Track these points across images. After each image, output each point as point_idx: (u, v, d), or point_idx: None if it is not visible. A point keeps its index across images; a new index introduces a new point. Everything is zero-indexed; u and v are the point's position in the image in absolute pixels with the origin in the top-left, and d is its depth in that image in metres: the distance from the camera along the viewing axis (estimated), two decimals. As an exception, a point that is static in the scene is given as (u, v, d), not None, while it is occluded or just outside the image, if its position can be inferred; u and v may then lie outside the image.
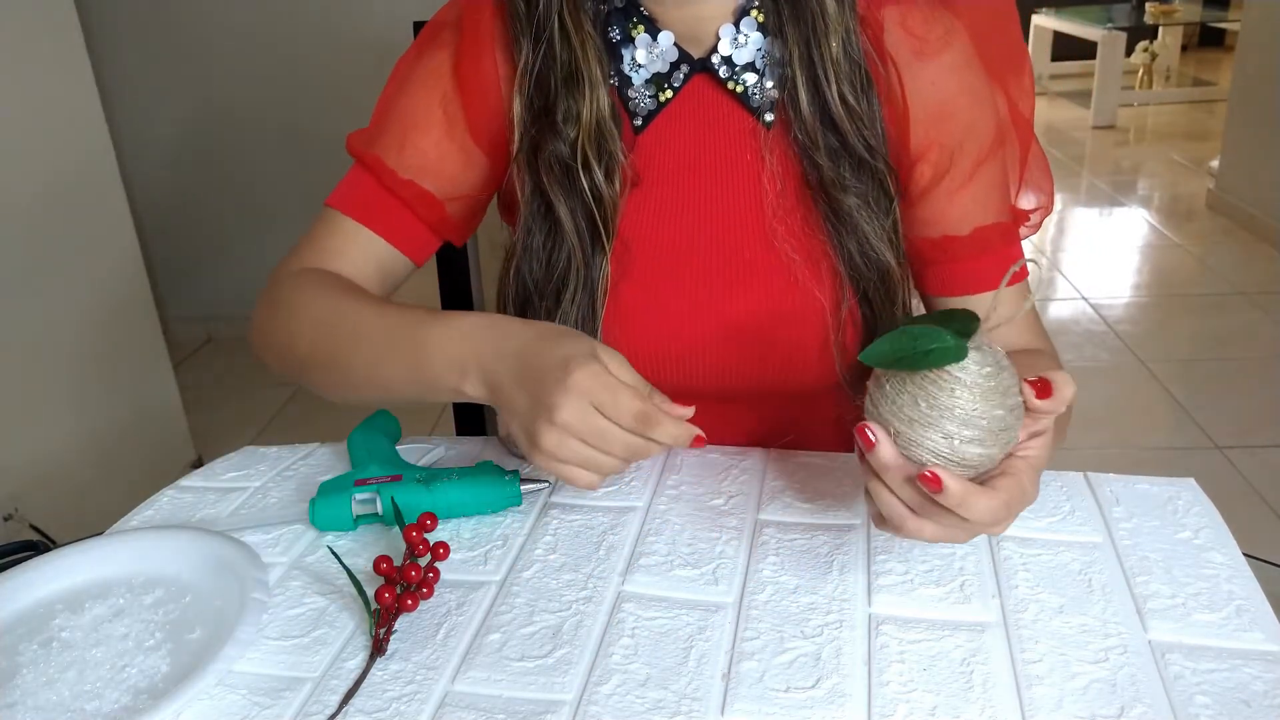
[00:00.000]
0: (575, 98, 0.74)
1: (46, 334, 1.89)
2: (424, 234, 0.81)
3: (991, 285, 0.79)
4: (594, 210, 0.75)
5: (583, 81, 0.74)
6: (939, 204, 0.77)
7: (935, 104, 0.75)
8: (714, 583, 0.64)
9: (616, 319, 0.78)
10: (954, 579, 0.64)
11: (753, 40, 0.75)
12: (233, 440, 0.98)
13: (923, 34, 0.75)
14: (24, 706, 0.56)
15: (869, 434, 0.55)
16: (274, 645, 0.61)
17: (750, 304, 0.78)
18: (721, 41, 0.75)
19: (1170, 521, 0.69)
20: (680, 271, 0.78)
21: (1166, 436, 2.36)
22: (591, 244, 0.76)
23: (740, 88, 0.76)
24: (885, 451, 0.55)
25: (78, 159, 1.98)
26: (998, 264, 0.78)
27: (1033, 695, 0.54)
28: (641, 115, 0.77)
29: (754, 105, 0.76)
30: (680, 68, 0.76)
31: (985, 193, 0.78)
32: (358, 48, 2.80)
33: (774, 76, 0.75)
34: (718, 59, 0.75)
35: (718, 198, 0.78)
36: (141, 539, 0.70)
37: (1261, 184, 3.53)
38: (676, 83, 0.76)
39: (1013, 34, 0.80)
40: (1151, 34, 5.86)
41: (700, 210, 0.78)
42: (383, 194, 0.79)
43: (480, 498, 0.73)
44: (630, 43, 0.76)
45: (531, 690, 0.56)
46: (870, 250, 0.76)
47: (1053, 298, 3.22)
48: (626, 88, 0.77)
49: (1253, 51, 3.60)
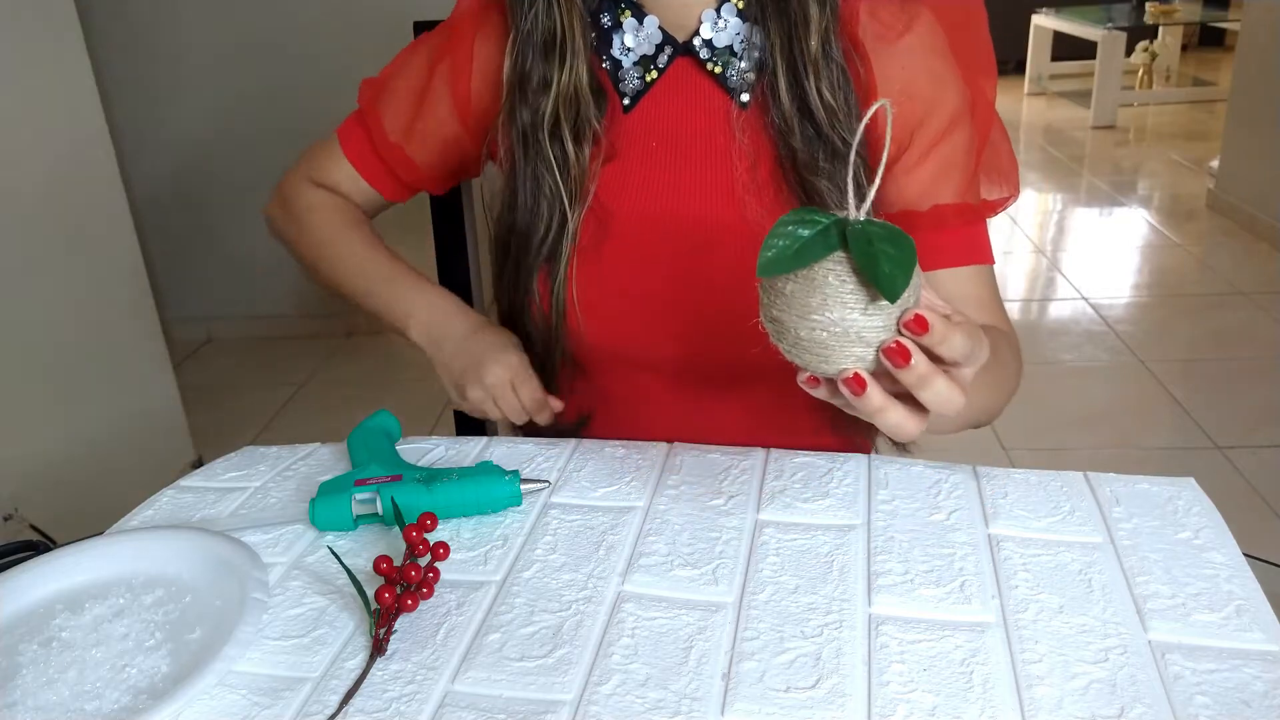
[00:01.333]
0: (550, 65, 0.79)
1: (47, 334, 1.89)
2: (403, 187, 0.95)
3: (949, 263, 0.81)
4: (558, 177, 0.81)
5: (565, 50, 0.79)
6: (898, 180, 0.80)
7: (899, 84, 0.78)
8: (714, 583, 0.64)
9: (597, 281, 0.82)
10: (954, 579, 0.64)
11: (731, 25, 0.79)
12: (233, 440, 0.98)
13: (888, 20, 0.79)
14: (24, 706, 0.56)
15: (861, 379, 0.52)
16: (274, 645, 0.61)
17: (722, 271, 0.80)
18: (703, 25, 0.79)
19: (1170, 521, 0.69)
20: (658, 240, 0.82)
21: (1166, 436, 2.36)
22: (556, 209, 0.82)
23: (719, 69, 0.80)
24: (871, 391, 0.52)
25: (78, 159, 1.98)
26: (957, 241, 0.81)
27: (1033, 695, 0.54)
28: (630, 95, 0.82)
29: (731, 86, 0.80)
30: (664, 50, 0.81)
31: (944, 171, 0.80)
32: (358, 48, 2.80)
33: (750, 60, 0.79)
34: (699, 42, 0.80)
35: (695, 173, 0.81)
36: (141, 539, 0.70)
37: (1261, 184, 3.53)
38: (661, 64, 0.81)
39: (979, 31, 0.82)
40: (1151, 34, 5.86)
41: (679, 183, 0.82)
42: (371, 148, 0.92)
43: (480, 498, 0.73)
44: (620, 28, 0.81)
45: (531, 690, 0.56)
46: None
47: (1053, 298, 3.22)
48: (617, 69, 0.82)
49: (1253, 51, 3.60)
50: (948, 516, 0.70)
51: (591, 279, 0.82)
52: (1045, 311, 3.14)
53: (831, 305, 0.49)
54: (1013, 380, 0.80)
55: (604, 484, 0.77)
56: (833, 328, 0.49)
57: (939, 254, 0.81)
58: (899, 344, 0.50)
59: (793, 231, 0.50)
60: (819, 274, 0.49)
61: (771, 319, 0.52)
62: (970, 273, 0.82)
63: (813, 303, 0.49)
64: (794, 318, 0.50)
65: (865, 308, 0.49)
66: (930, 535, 0.68)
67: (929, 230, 0.80)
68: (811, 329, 0.50)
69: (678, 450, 0.81)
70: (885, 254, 0.48)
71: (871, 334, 0.50)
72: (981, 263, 0.82)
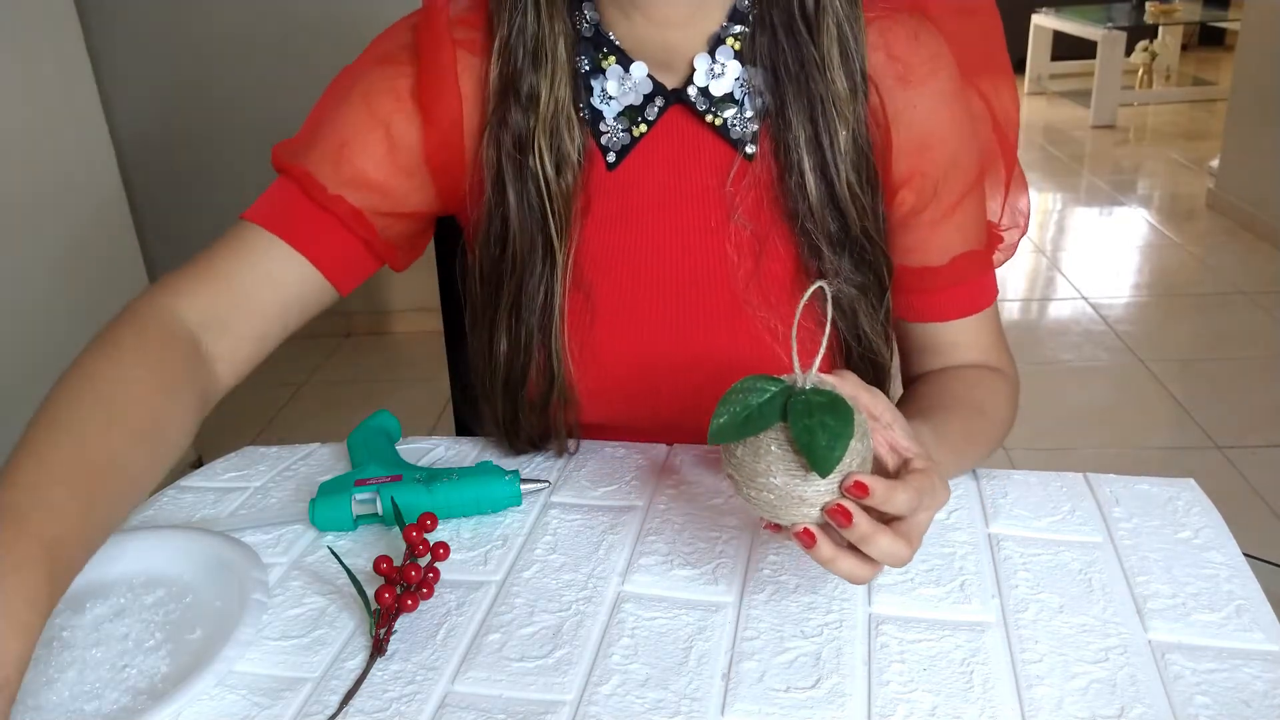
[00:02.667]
0: (538, 75, 0.71)
1: (47, 334, 1.89)
2: (354, 250, 0.75)
3: (961, 313, 0.79)
4: (545, 202, 0.72)
5: (547, 60, 0.70)
6: (920, 233, 0.77)
7: (920, 133, 0.73)
8: (714, 583, 0.64)
9: (588, 350, 0.76)
10: (954, 579, 0.64)
11: (730, 69, 0.71)
12: (233, 440, 0.98)
13: (907, 59, 0.72)
14: (24, 706, 0.56)
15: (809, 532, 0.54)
16: (274, 645, 0.61)
17: (721, 351, 0.75)
18: (697, 72, 0.71)
19: (1170, 521, 0.69)
20: (650, 314, 0.76)
21: (1166, 436, 2.36)
22: (541, 238, 0.72)
23: (719, 120, 0.72)
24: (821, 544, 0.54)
25: (78, 159, 1.98)
26: (969, 293, 0.79)
27: (1033, 695, 0.54)
28: (615, 150, 0.74)
29: (734, 138, 0.73)
30: (655, 100, 0.73)
31: (966, 223, 0.78)
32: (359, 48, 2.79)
33: (754, 107, 0.72)
34: (694, 90, 0.72)
35: (696, 240, 0.75)
36: (141, 539, 0.70)
37: (1261, 184, 3.53)
38: (651, 115, 0.73)
39: (996, 44, 0.79)
40: (1151, 33, 5.86)
41: (673, 250, 0.75)
42: (309, 207, 0.73)
43: (480, 498, 0.73)
44: (600, 74, 0.72)
45: (531, 690, 0.56)
46: (866, 342, 0.76)
47: (1053, 298, 3.22)
48: (598, 122, 0.73)
49: (1253, 51, 3.60)
50: (948, 516, 0.70)
51: (582, 341, 0.76)
52: (1045, 311, 3.14)
53: (775, 471, 0.53)
54: (1001, 428, 0.78)
55: (604, 484, 0.76)
56: (778, 490, 0.53)
57: (949, 307, 0.79)
58: (840, 506, 0.53)
59: (743, 400, 0.54)
60: (764, 443, 0.53)
61: (728, 475, 0.56)
62: (976, 320, 0.80)
63: (759, 468, 0.53)
64: (744, 479, 0.54)
65: (806, 474, 0.53)
66: (930, 534, 0.68)
67: (946, 287, 0.78)
68: (759, 490, 0.54)
69: (678, 450, 0.81)
70: (823, 426, 0.51)
71: (815, 497, 0.53)
72: (987, 306, 0.80)
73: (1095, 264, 3.47)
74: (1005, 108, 0.79)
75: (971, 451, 0.74)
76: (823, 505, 0.53)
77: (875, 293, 0.75)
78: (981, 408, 0.76)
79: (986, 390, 0.78)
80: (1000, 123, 0.79)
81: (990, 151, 0.80)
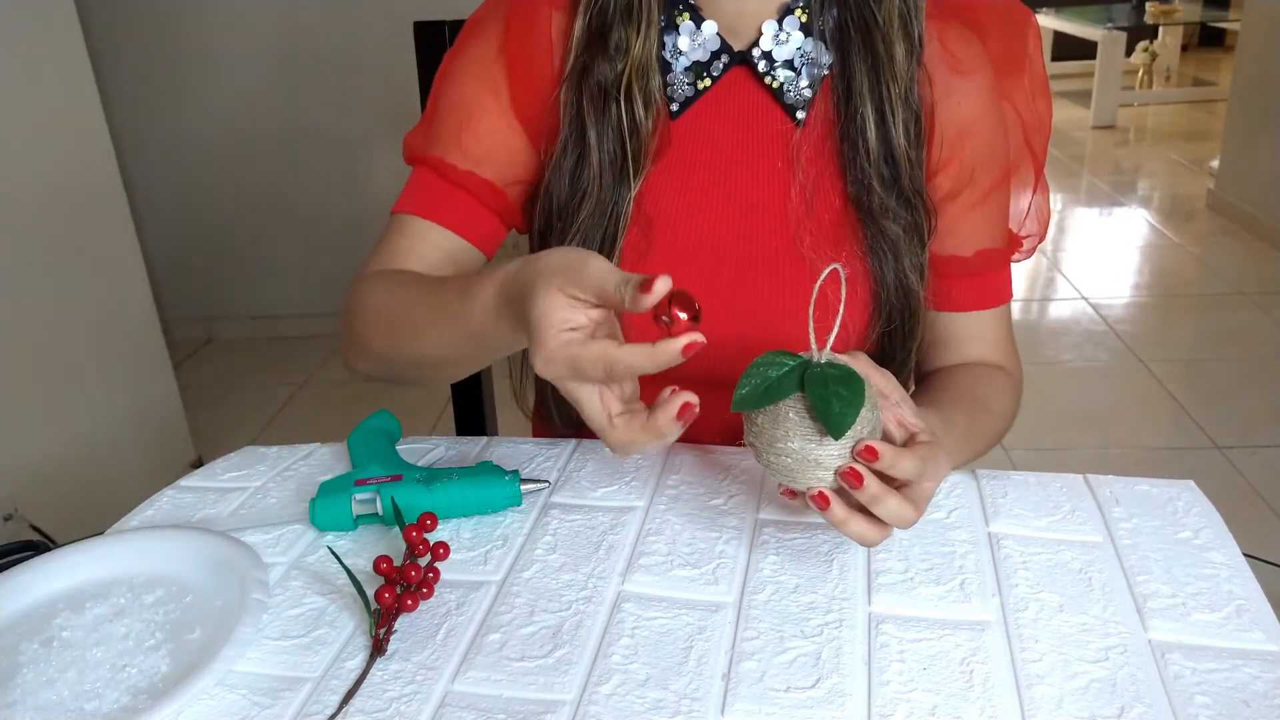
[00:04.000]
0: (629, 29, 0.76)
1: (47, 334, 1.89)
2: (491, 222, 0.83)
3: (979, 305, 0.83)
4: (625, 140, 0.77)
5: (641, 16, 0.76)
6: (951, 219, 0.80)
7: (962, 120, 0.78)
8: (714, 583, 0.64)
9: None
10: (954, 578, 0.64)
11: (794, 39, 0.77)
12: (233, 440, 0.98)
13: (958, 52, 0.78)
14: (24, 706, 0.56)
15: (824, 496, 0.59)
16: (274, 645, 0.61)
17: (766, 298, 0.79)
18: (763, 36, 0.77)
19: (1170, 521, 0.69)
20: (702, 257, 0.79)
21: (1166, 436, 2.36)
22: (619, 173, 0.78)
23: (776, 83, 0.77)
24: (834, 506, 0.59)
25: (78, 159, 1.98)
26: (989, 286, 0.83)
27: (1033, 695, 0.54)
28: (679, 101, 0.79)
29: (787, 102, 0.78)
30: (720, 58, 0.78)
31: (993, 216, 0.82)
32: (358, 47, 2.80)
33: (810, 77, 0.77)
34: (758, 53, 0.77)
35: (744, 191, 0.79)
36: (141, 539, 0.70)
37: (1261, 184, 3.53)
38: (715, 72, 0.78)
39: (1036, 55, 0.83)
40: (1151, 34, 5.86)
41: (727, 201, 0.79)
42: (447, 188, 0.81)
43: (480, 498, 0.73)
44: (674, 30, 0.78)
45: (531, 690, 0.56)
46: (905, 279, 0.78)
47: (1053, 298, 3.22)
48: (665, 73, 0.78)
49: (1253, 51, 3.60)
50: (948, 515, 0.70)
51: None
52: (1045, 311, 3.14)
53: (792, 437, 0.58)
54: (1003, 423, 0.82)
55: (604, 484, 0.77)
56: (795, 455, 0.58)
57: (969, 297, 0.83)
58: (852, 469, 0.57)
59: (763, 373, 0.59)
60: (783, 411, 0.58)
61: (749, 443, 0.61)
62: (991, 315, 0.84)
63: (777, 434, 0.58)
64: (764, 445, 0.59)
65: (821, 440, 0.57)
66: (930, 534, 0.68)
67: (971, 275, 0.82)
68: (778, 455, 0.59)
69: (678, 450, 0.81)
70: (837, 396, 0.57)
71: (829, 460, 0.58)
72: (1004, 303, 0.84)
73: (1095, 264, 3.47)
74: (1040, 116, 0.83)
75: (974, 442, 0.76)
76: (836, 469, 0.58)
77: (917, 241, 0.78)
78: (987, 403, 0.80)
79: (992, 387, 0.82)
80: (1032, 131, 0.83)
81: (1019, 156, 0.84)
